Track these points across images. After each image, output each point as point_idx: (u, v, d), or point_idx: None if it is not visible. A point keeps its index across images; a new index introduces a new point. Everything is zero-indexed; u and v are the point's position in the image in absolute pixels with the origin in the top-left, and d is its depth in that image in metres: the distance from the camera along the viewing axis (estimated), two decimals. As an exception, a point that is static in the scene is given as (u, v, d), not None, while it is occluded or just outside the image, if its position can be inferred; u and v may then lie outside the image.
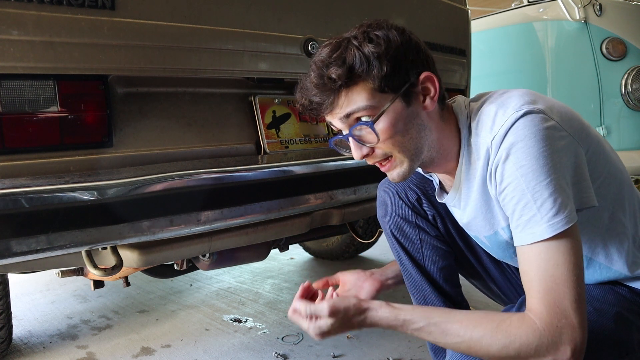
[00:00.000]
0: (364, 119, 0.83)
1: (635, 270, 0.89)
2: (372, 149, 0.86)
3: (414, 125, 0.85)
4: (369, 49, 0.80)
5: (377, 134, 0.83)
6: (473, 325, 0.76)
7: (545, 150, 0.74)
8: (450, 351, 0.84)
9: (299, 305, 0.86)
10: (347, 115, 0.83)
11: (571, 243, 0.73)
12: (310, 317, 0.84)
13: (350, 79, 0.81)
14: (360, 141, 0.86)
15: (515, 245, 0.78)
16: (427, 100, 0.86)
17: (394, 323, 0.82)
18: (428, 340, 0.85)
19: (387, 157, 0.87)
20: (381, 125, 0.83)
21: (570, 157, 0.77)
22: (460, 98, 0.95)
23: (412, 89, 0.85)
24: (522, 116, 0.77)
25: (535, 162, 0.74)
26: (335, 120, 0.86)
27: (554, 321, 0.71)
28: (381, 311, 0.83)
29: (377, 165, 0.90)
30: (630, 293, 0.91)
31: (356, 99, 0.82)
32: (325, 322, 0.83)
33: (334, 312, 0.83)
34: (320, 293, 1.02)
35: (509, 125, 0.77)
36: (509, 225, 0.87)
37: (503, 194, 0.79)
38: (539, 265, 0.74)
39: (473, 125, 0.87)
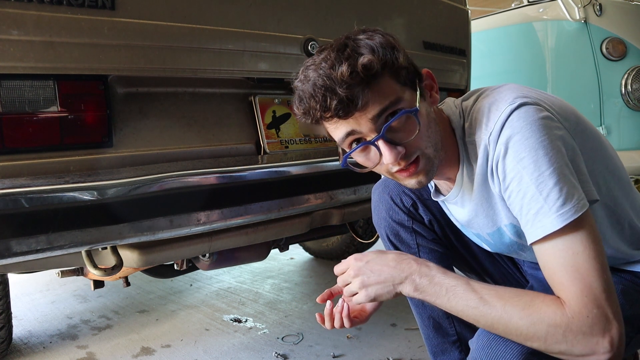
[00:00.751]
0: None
1: (635, 256, 0.90)
2: (405, 148, 0.78)
3: (432, 120, 0.82)
4: (380, 40, 0.76)
5: (419, 122, 0.76)
6: (508, 296, 0.73)
7: (543, 140, 0.72)
8: (479, 334, 0.81)
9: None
10: (380, 113, 0.75)
11: (587, 231, 0.70)
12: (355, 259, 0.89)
13: (382, 68, 0.74)
14: (393, 141, 0.77)
15: (529, 243, 0.76)
16: (433, 95, 0.85)
17: (434, 268, 0.81)
18: (456, 307, 0.77)
19: (418, 157, 0.80)
20: (415, 117, 0.77)
21: (568, 148, 0.76)
22: (449, 99, 0.93)
23: (421, 84, 0.82)
24: (516, 108, 0.75)
25: (535, 153, 0.72)
26: (364, 121, 0.76)
27: (583, 312, 0.67)
28: (418, 259, 0.84)
29: (401, 172, 0.81)
30: (631, 276, 0.91)
31: (387, 92, 0.75)
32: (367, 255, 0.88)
33: (376, 251, 0.88)
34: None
35: (504, 119, 0.76)
36: (511, 223, 0.87)
37: (508, 190, 0.77)
38: (557, 257, 0.71)
39: (467, 124, 0.85)
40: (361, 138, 0.79)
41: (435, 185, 1.00)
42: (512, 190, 0.76)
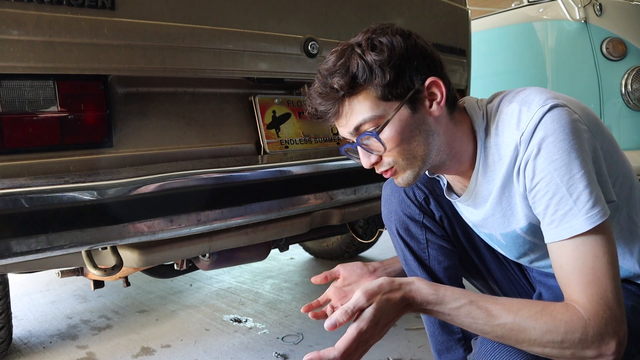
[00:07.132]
0: (370, 129, 0.84)
1: None
2: (380, 157, 0.87)
3: (420, 132, 0.84)
4: (371, 57, 0.81)
5: (383, 144, 0.83)
6: (517, 308, 0.73)
7: (575, 143, 0.74)
8: (481, 341, 0.81)
9: (339, 313, 0.74)
10: (356, 128, 0.84)
11: (607, 236, 0.73)
12: (351, 315, 0.74)
13: (353, 88, 0.82)
14: (368, 150, 0.86)
15: (548, 241, 0.77)
16: (434, 106, 0.85)
17: (432, 298, 0.76)
18: (461, 324, 0.77)
19: (393, 166, 0.88)
20: (387, 134, 0.83)
21: (592, 151, 0.78)
22: (472, 99, 0.94)
23: (418, 95, 0.83)
24: (548, 110, 0.77)
25: (567, 156, 0.74)
26: (343, 130, 0.87)
27: (599, 312, 0.69)
28: (418, 284, 0.78)
29: (382, 173, 0.90)
30: (639, 289, 0.91)
31: (360, 109, 0.83)
32: (368, 309, 0.74)
33: (370, 294, 0.74)
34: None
35: (537, 120, 0.77)
36: (530, 223, 0.87)
37: (535, 189, 0.78)
38: (577, 259, 0.73)
39: (492, 126, 0.86)
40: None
41: (447, 182, 1.00)
42: (539, 190, 0.77)
